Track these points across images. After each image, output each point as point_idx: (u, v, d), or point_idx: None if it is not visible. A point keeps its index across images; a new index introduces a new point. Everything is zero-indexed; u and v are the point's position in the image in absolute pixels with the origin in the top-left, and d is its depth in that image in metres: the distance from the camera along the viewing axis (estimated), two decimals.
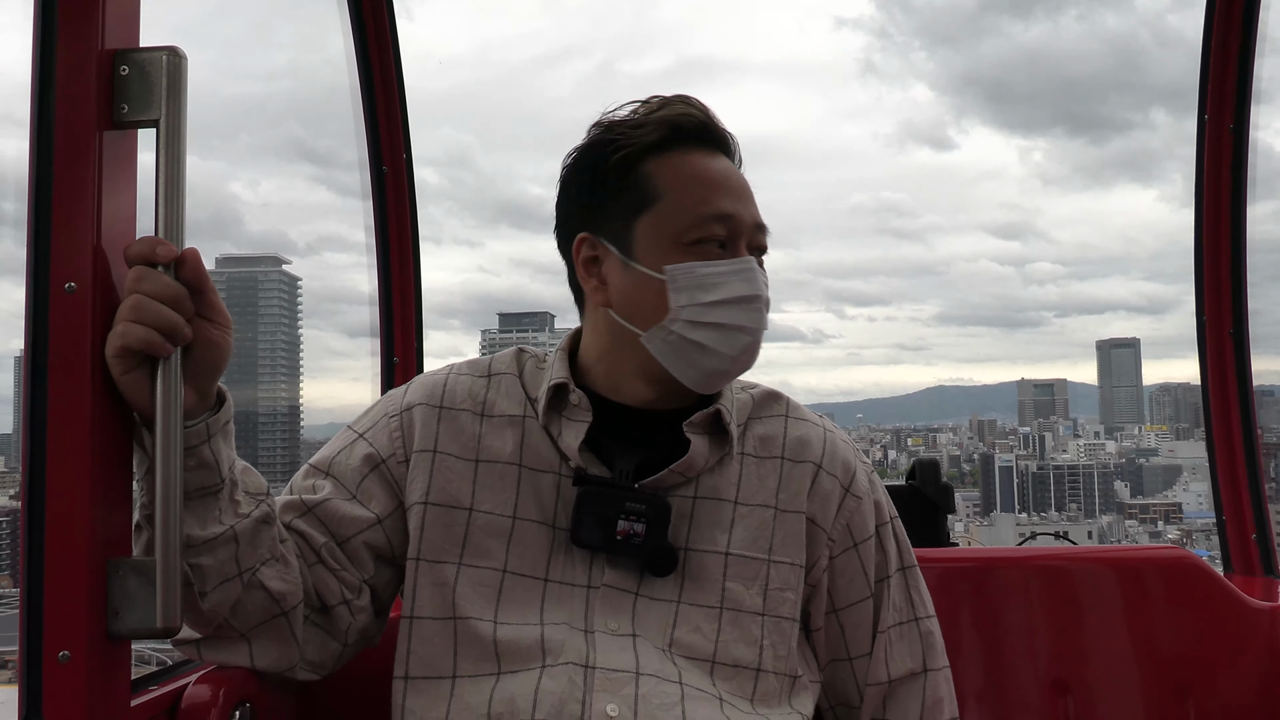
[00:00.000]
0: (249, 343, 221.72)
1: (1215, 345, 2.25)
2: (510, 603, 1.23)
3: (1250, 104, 2.18)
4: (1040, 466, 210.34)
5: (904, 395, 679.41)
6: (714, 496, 1.28)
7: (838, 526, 1.31)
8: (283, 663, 1.23)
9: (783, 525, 1.28)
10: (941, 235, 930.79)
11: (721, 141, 1.31)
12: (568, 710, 1.15)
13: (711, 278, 1.23)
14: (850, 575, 1.31)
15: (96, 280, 0.96)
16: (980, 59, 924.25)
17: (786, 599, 1.26)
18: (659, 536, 1.22)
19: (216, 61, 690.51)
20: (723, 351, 1.23)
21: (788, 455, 1.32)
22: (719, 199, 1.25)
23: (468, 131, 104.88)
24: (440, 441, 1.30)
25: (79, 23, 0.97)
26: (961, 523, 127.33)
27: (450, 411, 1.32)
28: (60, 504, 0.96)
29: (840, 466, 1.33)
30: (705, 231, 1.24)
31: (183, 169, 1.00)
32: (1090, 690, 1.79)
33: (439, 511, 1.27)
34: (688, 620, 1.22)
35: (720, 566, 1.24)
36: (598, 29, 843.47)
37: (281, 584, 1.19)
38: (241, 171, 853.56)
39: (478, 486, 1.27)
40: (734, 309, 1.23)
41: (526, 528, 1.26)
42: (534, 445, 1.29)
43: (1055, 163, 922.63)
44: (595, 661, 1.18)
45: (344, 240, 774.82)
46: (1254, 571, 2.16)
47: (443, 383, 1.35)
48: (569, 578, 1.24)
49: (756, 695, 1.22)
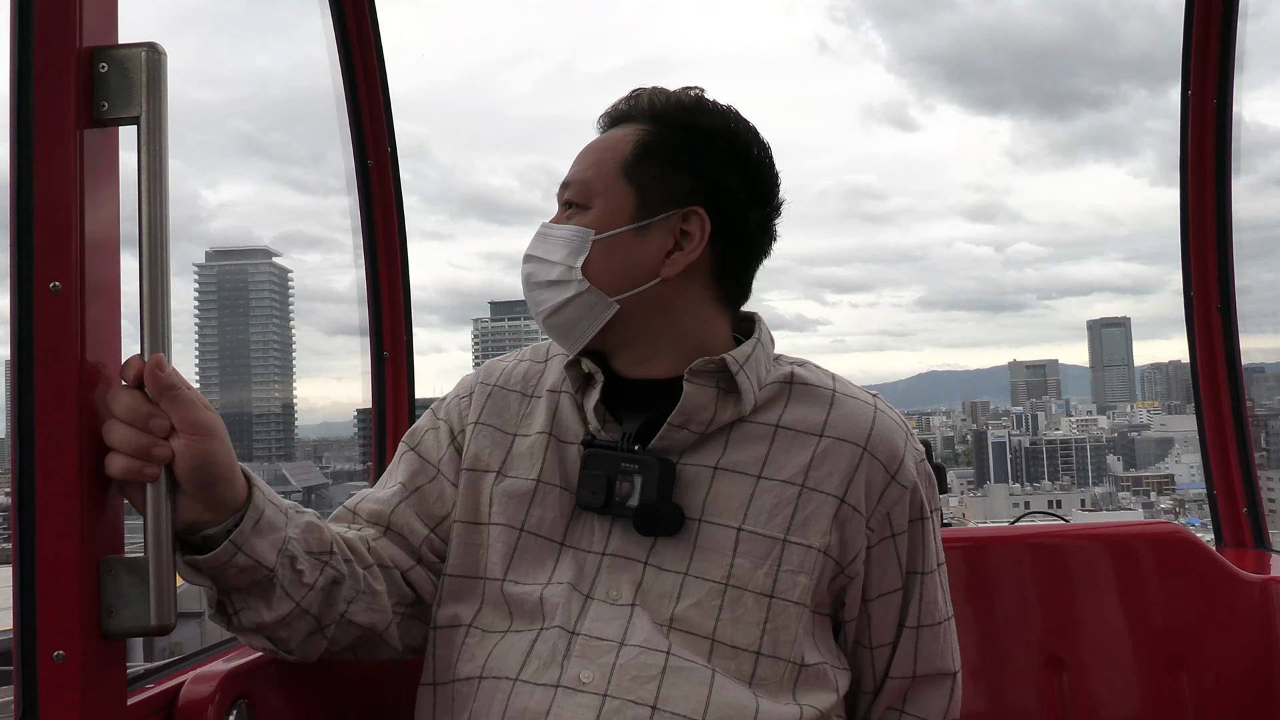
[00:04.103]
0: (241, 340, 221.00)
1: (1203, 321, 2.26)
2: (523, 561, 1.26)
3: (1233, 77, 2.18)
4: (1033, 442, 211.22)
5: (896, 381, 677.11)
6: (735, 469, 1.24)
7: (878, 515, 1.26)
8: (387, 658, 1.31)
9: (807, 504, 1.23)
10: (915, 219, 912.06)
11: (612, 116, 1.35)
12: (548, 673, 1.17)
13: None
14: (885, 566, 1.28)
15: (81, 279, 0.96)
16: (937, 35, 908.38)
17: (798, 582, 1.21)
18: (657, 496, 1.20)
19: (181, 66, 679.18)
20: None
21: (829, 433, 1.26)
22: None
23: (423, 125, 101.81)
24: (484, 415, 1.36)
25: (57, 20, 0.96)
26: (956, 498, 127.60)
27: (501, 390, 1.38)
28: (51, 504, 0.95)
29: (887, 451, 1.27)
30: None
31: (164, 165, 1.00)
32: (1085, 666, 1.80)
33: (472, 476, 1.32)
34: (691, 593, 1.21)
35: (731, 541, 1.21)
36: (555, 29, 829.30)
37: (370, 615, 1.24)
38: (202, 171, 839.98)
39: (511, 455, 1.32)
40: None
41: (549, 491, 1.28)
42: (564, 418, 1.32)
43: (1023, 141, 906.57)
44: (582, 629, 1.19)
45: (310, 237, 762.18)
46: (1245, 545, 2.18)
47: (502, 367, 1.42)
48: (584, 544, 1.25)
49: (755, 681, 1.19)
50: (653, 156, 1.27)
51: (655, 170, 1.27)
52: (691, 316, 1.29)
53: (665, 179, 1.27)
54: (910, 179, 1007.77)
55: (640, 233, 1.26)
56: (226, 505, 1.07)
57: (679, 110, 1.30)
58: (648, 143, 1.28)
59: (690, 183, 1.27)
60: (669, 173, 1.27)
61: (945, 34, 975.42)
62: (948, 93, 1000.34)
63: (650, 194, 1.26)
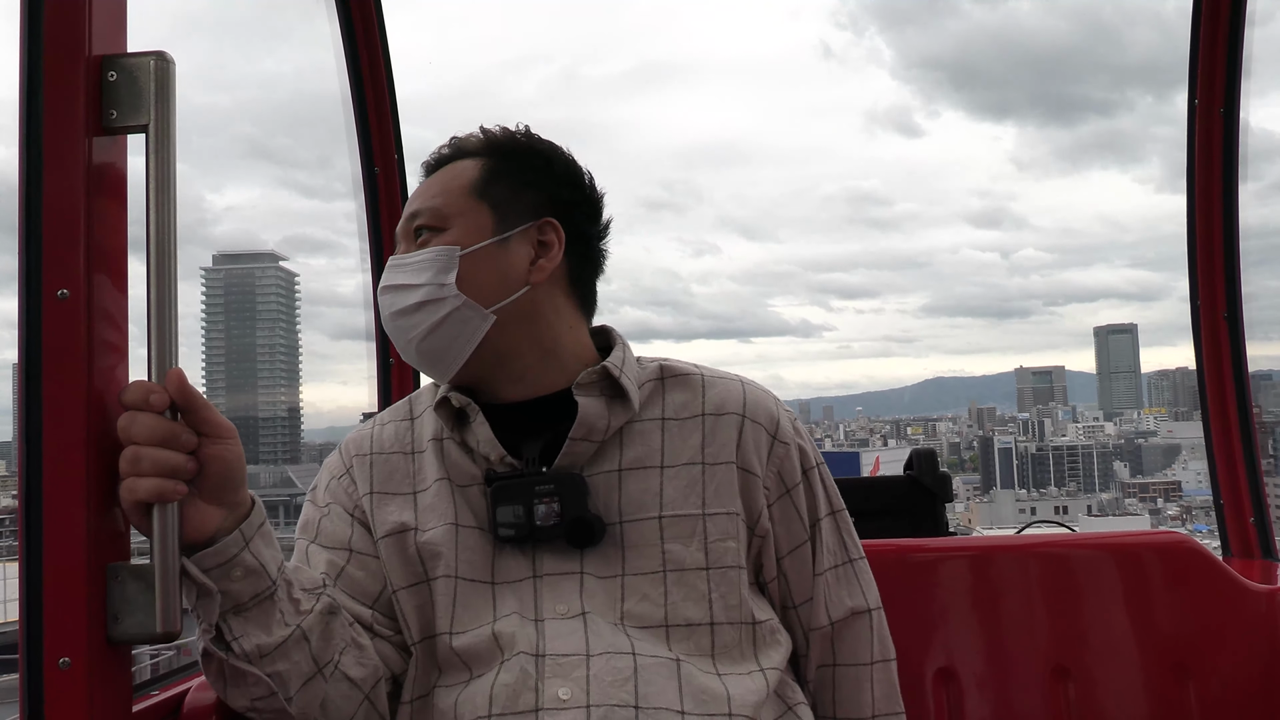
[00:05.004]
0: (248, 344, 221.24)
1: (1210, 328, 2.26)
2: (464, 609, 1.25)
3: (1240, 83, 2.18)
4: (1039, 448, 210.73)
5: (902, 387, 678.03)
6: (639, 466, 1.28)
7: (770, 473, 1.32)
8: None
9: (713, 477, 1.28)
10: (920, 225, 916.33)
11: (440, 159, 1.38)
12: (522, 700, 1.17)
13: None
14: (788, 521, 1.32)
15: (89, 286, 0.96)
16: (941, 41, 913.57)
17: (729, 549, 1.26)
18: (579, 510, 1.23)
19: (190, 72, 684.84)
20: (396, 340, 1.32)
21: (709, 411, 1.32)
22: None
23: (429, 128, 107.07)
24: (376, 483, 1.34)
25: (66, 29, 0.97)
26: (962, 504, 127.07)
27: (381, 456, 1.36)
28: (57, 510, 0.96)
29: (765, 415, 1.34)
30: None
31: (173, 173, 1.00)
32: (1091, 675, 1.80)
33: (391, 542, 1.29)
34: (635, 591, 1.23)
35: (656, 531, 1.25)
36: (560, 34, 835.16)
37: (360, 669, 1.22)
38: (207, 175, 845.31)
39: (419, 511, 1.30)
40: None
41: (468, 534, 1.27)
42: (455, 462, 1.31)
43: (1028, 147, 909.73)
44: (545, 649, 1.19)
45: (316, 241, 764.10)
46: (1252, 554, 2.17)
47: (369, 435, 1.39)
48: (514, 575, 1.25)
49: (716, 651, 1.23)
50: (500, 178, 1.33)
51: (506, 189, 1.32)
52: (560, 324, 1.33)
53: (517, 195, 1.32)
54: (915, 185, 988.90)
55: (502, 245, 1.29)
56: (241, 508, 1.09)
57: (513, 139, 1.37)
58: (494, 167, 1.33)
59: (540, 198, 1.33)
60: (519, 190, 1.32)
61: (949, 39, 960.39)
62: (952, 99, 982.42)
63: (505, 210, 1.31)
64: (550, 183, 1.34)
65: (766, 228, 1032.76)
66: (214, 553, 1.06)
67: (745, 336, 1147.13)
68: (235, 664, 1.11)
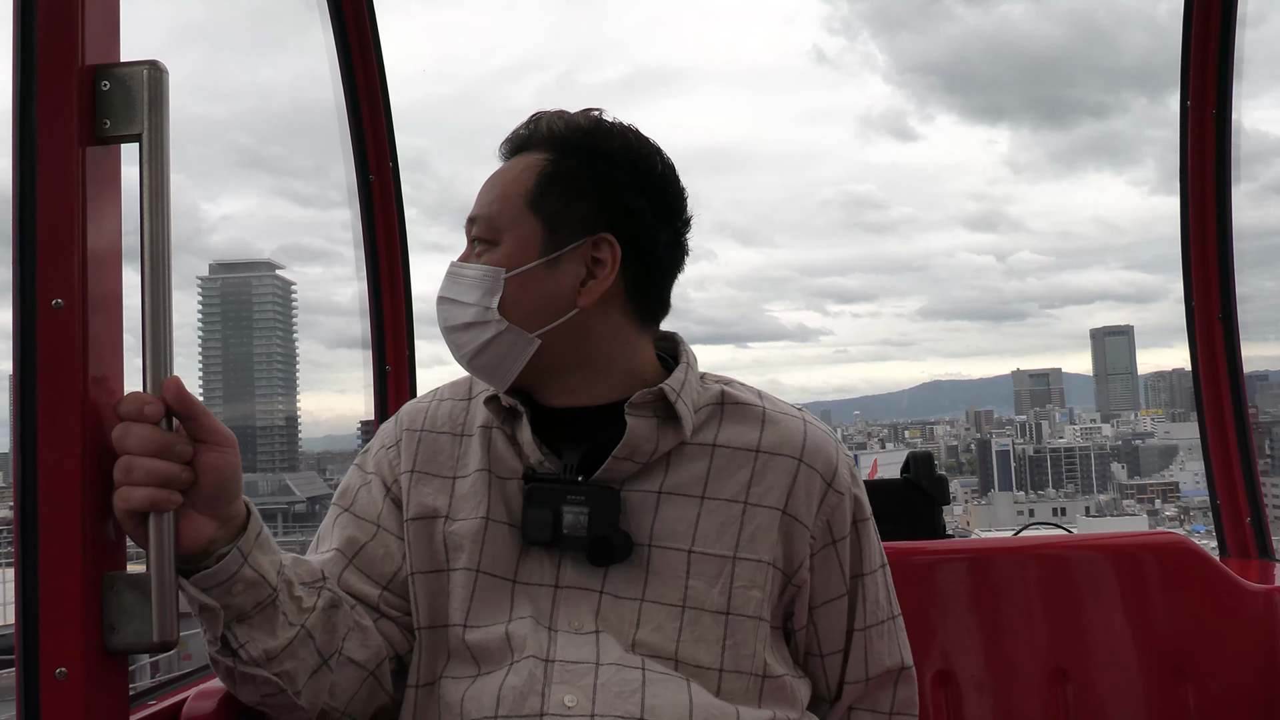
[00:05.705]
0: (245, 353, 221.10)
1: (1204, 329, 2.26)
2: (481, 604, 1.24)
3: (1232, 87, 2.19)
4: (1037, 450, 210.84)
5: (900, 391, 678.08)
6: (679, 492, 1.26)
7: (819, 523, 1.29)
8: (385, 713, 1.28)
9: (752, 519, 1.25)
10: (916, 229, 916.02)
11: (513, 143, 1.33)
12: (528, 704, 1.16)
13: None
14: (827, 572, 1.30)
15: (83, 295, 0.96)
16: (935, 45, 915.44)
17: (752, 597, 1.23)
18: (606, 526, 1.21)
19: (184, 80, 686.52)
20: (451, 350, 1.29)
21: (764, 449, 1.28)
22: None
23: (424, 136, 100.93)
24: (419, 461, 1.33)
25: (59, 38, 0.97)
26: (960, 506, 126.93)
27: (430, 434, 1.35)
28: (53, 520, 0.95)
29: (822, 461, 1.30)
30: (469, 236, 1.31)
31: (166, 183, 1.00)
32: (1089, 676, 1.80)
33: (419, 525, 1.29)
34: (651, 619, 1.22)
35: (683, 564, 1.23)
36: (555, 42, 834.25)
37: (363, 651, 1.22)
38: (203, 184, 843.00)
39: (454, 498, 1.29)
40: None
41: (498, 529, 1.26)
42: (500, 454, 1.30)
43: (1023, 150, 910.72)
44: (555, 655, 1.19)
45: (312, 250, 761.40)
46: (1249, 554, 2.18)
47: (425, 410, 1.38)
48: (536, 578, 1.24)
49: (722, 694, 1.21)
50: (556, 186, 1.26)
51: (560, 199, 1.26)
52: (614, 341, 1.28)
53: (571, 207, 1.25)
54: (911, 189, 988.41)
55: (551, 265, 1.24)
56: (236, 519, 1.08)
57: (578, 135, 1.29)
58: (550, 172, 1.26)
59: (596, 209, 1.26)
60: (574, 201, 1.26)
61: (943, 44, 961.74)
62: (946, 102, 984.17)
63: (557, 224, 1.25)
64: (611, 189, 1.26)
65: (763, 233, 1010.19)
66: (213, 574, 1.06)
67: (742, 341, 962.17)
68: (243, 669, 1.11)
